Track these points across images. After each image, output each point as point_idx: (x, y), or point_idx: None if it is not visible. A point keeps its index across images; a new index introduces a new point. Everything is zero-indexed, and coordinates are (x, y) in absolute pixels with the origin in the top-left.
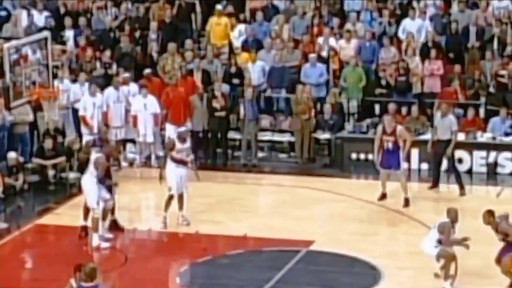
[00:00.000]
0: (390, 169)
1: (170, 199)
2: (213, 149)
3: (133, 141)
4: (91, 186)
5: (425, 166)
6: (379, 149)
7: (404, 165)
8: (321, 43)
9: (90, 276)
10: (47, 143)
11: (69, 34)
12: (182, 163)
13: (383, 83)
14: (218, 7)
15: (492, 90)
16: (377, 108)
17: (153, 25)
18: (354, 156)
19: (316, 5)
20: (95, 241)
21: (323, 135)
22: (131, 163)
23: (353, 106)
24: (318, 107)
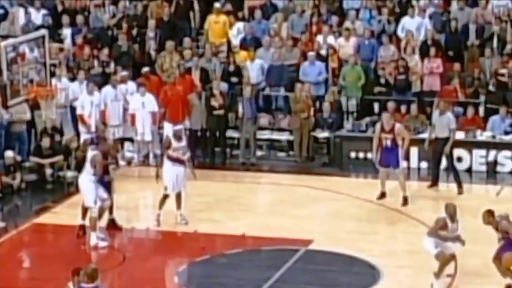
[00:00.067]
0: (388, 167)
1: (164, 198)
2: (212, 148)
3: (131, 140)
4: (88, 185)
5: (424, 164)
6: (378, 148)
7: (403, 164)
8: (320, 41)
9: (91, 277)
10: (45, 142)
11: (66, 32)
12: (178, 161)
13: (382, 82)
14: (216, 5)
15: (492, 88)
16: (376, 106)
17: (151, 23)
18: (353, 154)
19: (315, 3)
20: (93, 240)
21: (322, 134)
22: (129, 162)
23: (352, 104)
24: (317, 106)
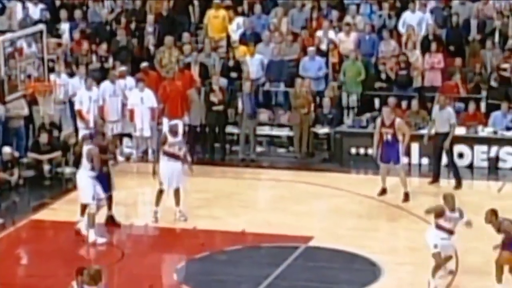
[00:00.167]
0: (389, 162)
1: (160, 193)
2: (211, 144)
3: (129, 136)
4: (85, 181)
5: (425, 160)
6: (379, 143)
7: (403, 160)
8: (320, 36)
9: (93, 278)
10: (43, 138)
11: (64, 27)
12: (174, 157)
13: (383, 77)
14: None
15: (493, 83)
16: (377, 102)
17: (150, 18)
18: (353, 150)
19: None
20: (91, 237)
21: (322, 130)
22: (127, 158)
23: (353, 100)
24: (317, 101)
